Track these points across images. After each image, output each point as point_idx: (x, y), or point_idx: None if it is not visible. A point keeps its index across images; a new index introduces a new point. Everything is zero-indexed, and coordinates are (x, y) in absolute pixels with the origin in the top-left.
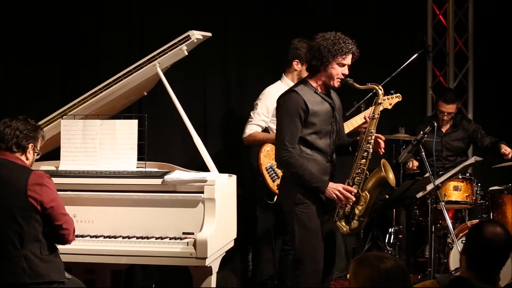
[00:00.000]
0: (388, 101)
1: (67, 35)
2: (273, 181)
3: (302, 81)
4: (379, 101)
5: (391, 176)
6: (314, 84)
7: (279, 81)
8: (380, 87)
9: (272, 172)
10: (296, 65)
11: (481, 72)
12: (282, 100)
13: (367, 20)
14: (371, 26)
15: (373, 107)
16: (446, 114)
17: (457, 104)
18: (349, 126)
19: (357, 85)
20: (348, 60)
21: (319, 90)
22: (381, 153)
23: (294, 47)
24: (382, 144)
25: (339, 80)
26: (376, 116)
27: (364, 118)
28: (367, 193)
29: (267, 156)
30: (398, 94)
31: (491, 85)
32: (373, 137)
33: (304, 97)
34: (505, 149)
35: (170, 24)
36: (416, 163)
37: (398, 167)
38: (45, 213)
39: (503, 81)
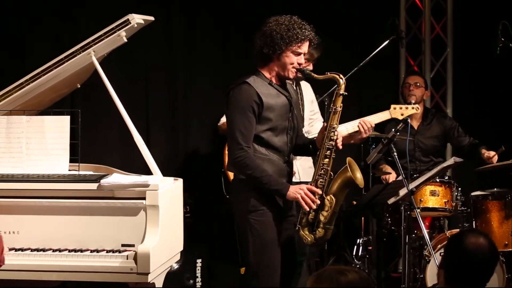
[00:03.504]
0: (401, 111)
1: None
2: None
3: (253, 72)
4: (341, 92)
5: (358, 175)
6: (267, 75)
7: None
8: (341, 76)
9: None
10: None
11: (461, 61)
12: (232, 93)
13: (333, 2)
14: (337, 9)
15: (334, 99)
16: (412, 84)
17: (425, 84)
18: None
19: (315, 75)
20: (304, 48)
21: (274, 81)
22: (340, 148)
23: None
24: (340, 139)
25: (294, 70)
26: (339, 109)
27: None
28: (332, 197)
29: None
30: (417, 106)
31: (472, 75)
32: (336, 134)
33: (257, 89)
34: (488, 153)
35: (106, 7)
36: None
37: (367, 169)
38: None
39: (485, 71)
